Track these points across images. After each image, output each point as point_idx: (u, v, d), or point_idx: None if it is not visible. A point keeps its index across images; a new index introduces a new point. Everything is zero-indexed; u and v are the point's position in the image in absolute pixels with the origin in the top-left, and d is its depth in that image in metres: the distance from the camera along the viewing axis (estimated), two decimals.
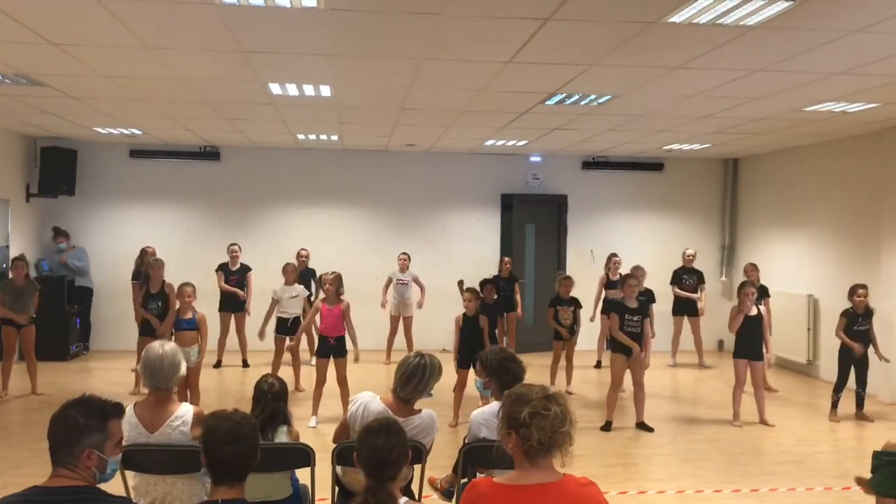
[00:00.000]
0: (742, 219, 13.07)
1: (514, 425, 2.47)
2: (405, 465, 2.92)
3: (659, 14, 4.78)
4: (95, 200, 12.10)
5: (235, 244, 10.98)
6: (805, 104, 7.76)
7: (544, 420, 2.43)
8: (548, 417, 2.43)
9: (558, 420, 2.44)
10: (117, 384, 9.33)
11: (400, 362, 4.10)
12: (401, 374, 4.01)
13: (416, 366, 4.01)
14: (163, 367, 3.86)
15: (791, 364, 11.18)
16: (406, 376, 4.00)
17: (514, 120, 9.06)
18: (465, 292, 8.28)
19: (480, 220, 12.94)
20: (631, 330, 7.83)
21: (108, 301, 11.69)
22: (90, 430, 2.54)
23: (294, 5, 4.72)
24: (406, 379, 3.99)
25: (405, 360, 4.07)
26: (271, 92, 7.57)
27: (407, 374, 4.00)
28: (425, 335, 11.40)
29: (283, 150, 12.42)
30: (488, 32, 5.30)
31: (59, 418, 2.55)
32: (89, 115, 9.23)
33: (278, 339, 9.26)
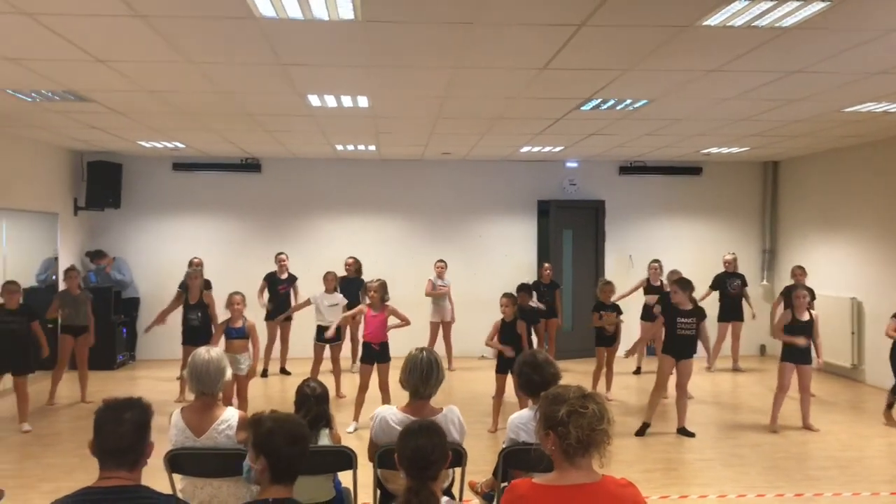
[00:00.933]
0: (783, 222, 12.91)
1: (551, 425, 2.50)
2: (445, 466, 2.97)
3: (693, 18, 4.79)
4: (140, 213, 12.38)
5: (283, 253, 11.14)
6: (845, 105, 7.66)
7: (582, 418, 2.45)
8: (585, 415, 2.46)
9: (596, 418, 2.46)
10: (163, 392, 9.53)
11: (408, 365, 4.13)
12: (419, 374, 4.06)
13: (427, 360, 4.10)
14: (209, 372, 3.97)
15: (835, 368, 11.00)
16: (425, 373, 4.06)
17: (550, 126, 9.09)
18: (502, 297, 8.30)
19: (517, 226, 12.96)
20: (684, 332, 7.79)
21: (152, 311, 11.89)
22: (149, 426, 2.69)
23: (332, 18, 4.82)
24: (426, 376, 4.06)
25: (414, 360, 4.11)
26: (310, 103, 7.70)
27: (425, 371, 4.07)
28: (463, 342, 11.45)
29: (321, 161, 12.59)
30: (522, 40, 5.35)
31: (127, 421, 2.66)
32: (134, 130, 9.47)
33: (317, 346, 9.36)
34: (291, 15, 4.76)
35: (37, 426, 8.04)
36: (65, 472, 6.52)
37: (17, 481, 6.25)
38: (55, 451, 7.21)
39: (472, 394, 9.72)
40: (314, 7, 4.60)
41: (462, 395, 9.68)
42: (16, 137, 9.96)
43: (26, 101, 7.55)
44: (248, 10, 4.64)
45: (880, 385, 8.37)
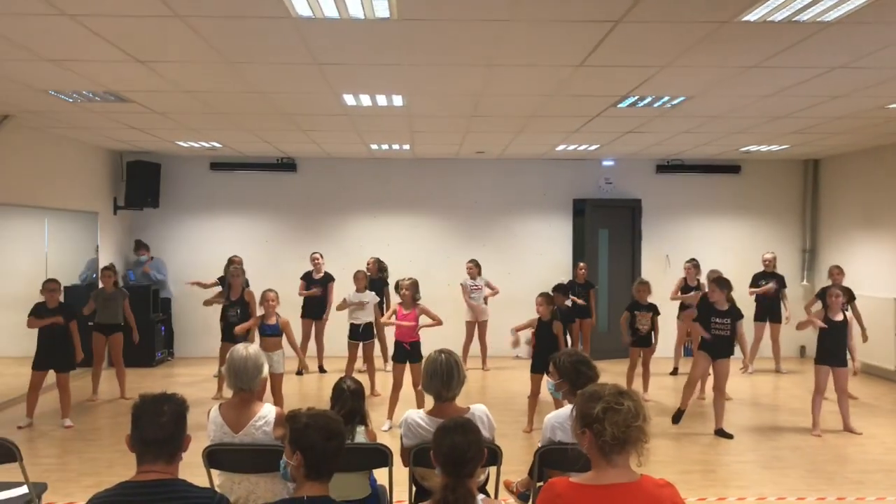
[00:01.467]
0: (823, 221, 12.67)
1: (587, 422, 2.49)
2: (482, 463, 2.96)
3: (732, 13, 4.71)
4: (178, 212, 12.55)
5: (317, 253, 11.23)
6: (888, 101, 7.50)
7: (617, 415, 2.44)
8: (621, 412, 2.44)
9: (631, 415, 2.44)
10: (201, 388, 9.65)
11: (428, 368, 4.10)
12: (441, 377, 4.03)
13: (447, 363, 4.07)
14: (247, 368, 4.00)
15: (877, 370, 10.78)
16: (447, 376, 4.04)
17: (586, 124, 9.02)
18: (538, 297, 8.25)
19: (552, 225, 12.90)
20: (718, 332, 7.70)
21: (190, 310, 12.07)
22: (186, 418, 2.73)
23: (368, 17, 4.83)
24: (448, 378, 4.04)
25: (434, 363, 4.08)
26: (345, 103, 7.74)
27: (447, 374, 4.04)
28: (498, 342, 11.43)
29: (355, 161, 12.65)
30: (559, 36, 5.31)
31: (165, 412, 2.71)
32: (172, 130, 9.60)
33: (351, 344, 9.41)
34: (328, 14, 4.78)
35: (78, 421, 8.19)
36: (105, 467, 6.63)
37: (58, 475, 6.36)
38: (96, 447, 7.33)
39: (507, 393, 9.69)
40: (350, 6, 4.62)
41: (497, 395, 9.66)
42: (58, 137, 10.15)
43: (67, 101, 7.69)
44: (284, 9, 4.67)
45: None
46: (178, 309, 12.39)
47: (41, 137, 9.73)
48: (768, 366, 11.35)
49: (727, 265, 11.15)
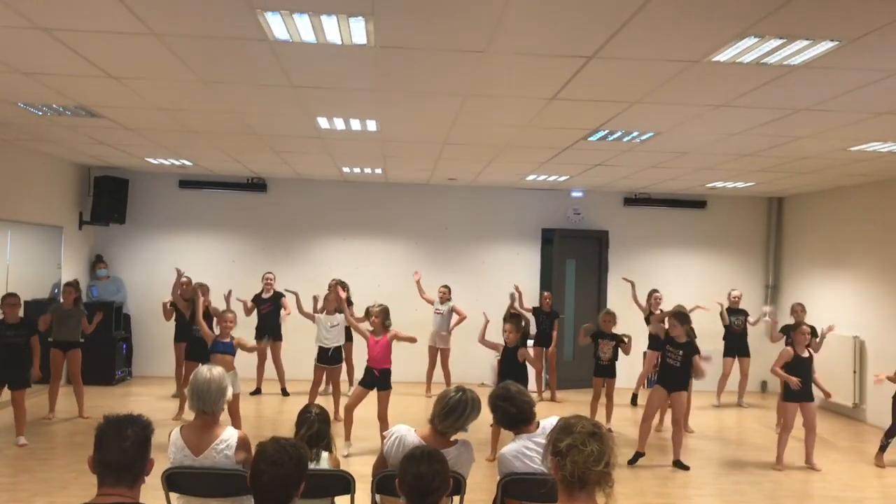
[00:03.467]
0: (786, 258, 12.90)
1: (553, 452, 2.52)
2: (446, 494, 2.95)
3: (702, 53, 4.83)
4: (144, 229, 12.42)
5: (270, 273, 11.16)
6: (851, 144, 7.70)
7: (579, 455, 2.45)
8: (583, 453, 2.45)
9: (592, 458, 2.45)
10: (160, 409, 9.49)
11: (440, 395, 4.05)
12: (441, 408, 3.99)
13: (458, 401, 3.97)
14: (210, 390, 3.95)
15: (837, 407, 10.94)
16: (447, 410, 3.97)
17: (556, 155, 9.13)
18: (505, 324, 8.27)
19: (521, 254, 12.97)
20: (670, 362, 7.79)
21: (152, 327, 11.90)
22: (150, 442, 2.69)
23: (345, 42, 4.87)
24: (446, 413, 3.97)
25: (446, 395, 4.03)
26: (319, 126, 7.75)
27: (448, 409, 3.97)
28: (464, 368, 11.41)
29: (327, 183, 12.64)
30: (532, 70, 5.40)
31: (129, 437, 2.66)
32: (143, 146, 9.52)
33: (318, 368, 9.30)
34: (305, 38, 4.81)
35: (33, 440, 8.00)
36: (59, 488, 6.47)
37: (11, 495, 6.21)
38: (51, 466, 7.17)
39: None
40: (328, 31, 4.65)
41: None
42: (24, 150, 10.02)
43: (37, 114, 7.61)
44: (262, 32, 4.69)
45: (881, 424, 8.33)
46: (137, 327, 12.21)
47: (7, 149, 9.60)
48: (731, 399, 11.46)
49: (691, 298, 11.27)
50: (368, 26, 4.54)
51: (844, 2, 3.90)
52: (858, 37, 4.41)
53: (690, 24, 4.32)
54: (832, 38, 4.45)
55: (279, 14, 4.38)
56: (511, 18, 4.32)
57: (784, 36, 4.45)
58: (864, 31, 4.33)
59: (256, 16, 4.41)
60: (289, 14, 4.37)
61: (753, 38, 4.49)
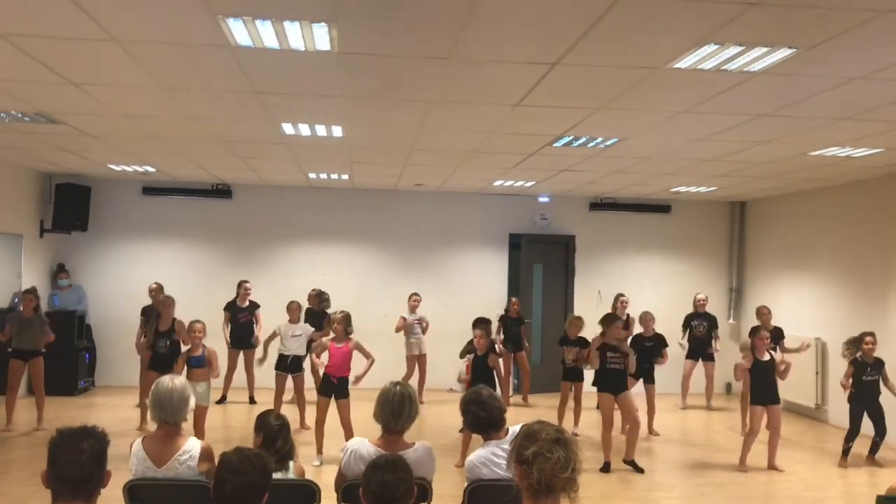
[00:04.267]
0: (749, 261, 13.09)
1: (519, 460, 2.52)
2: (411, 501, 2.94)
3: (663, 60, 4.89)
4: (107, 237, 12.24)
5: (248, 281, 11.07)
6: (810, 149, 7.83)
7: (546, 462, 2.45)
8: (550, 460, 2.46)
9: (559, 465, 2.46)
10: (124, 420, 9.35)
11: (381, 399, 4.01)
12: (392, 408, 3.95)
13: (402, 395, 3.98)
14: (172, 400, 3.90)
15: (800, 408, 11.11)
16: (398, 407, 3.96)
17: (522, 161, 9.17)
18: (475, 329, 8.28)
19: (488, 259, 13.01)
20: (613, 366, 7.85)
21: (115, 337, 11.72)
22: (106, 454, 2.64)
23: (308, 49, 4.85)
24: (398, 410, 3.96)
25: (388, 393, 4.00)
26: (284, 132, 7.71)
27: (398, 405, 3.95)
28: (433, 374, 11.40)
29: (293, 189, 12.57)
30: (497, 76, 5.42)
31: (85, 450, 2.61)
32: (105, 153, 9.39)
33: (279, 376, 9.25)
34: (268, 44, 4.78)
35: None
36: (17, 502, 6.34)
37: None
38: (8, 480, 7.02)
39: (440, 426, 9.65)
40: (291, 37, 4.63)
41: (431, 427, 9.62)
42: None
43: None
44: (224, 38, 4.65)
45: (843, 425, 8.46)
46: (100, 336, 12.01)
47: None
48: (699, 402, 11.58)
49: (657, 302, 11.41)
50: (332, 32, 4.53)
51: (801, 11, 3.97)
52: (815, 44, 4.50)
53: (651, 31, 4.37)
54: (790, 45, 4.53)
55: (241, 20, 4.34)
56: (474, 25, 4.34)
57: (743, 43, 4.52)
58: (820, 39, 4.41)
59: (218, 22, 4.37)
60: (251, 20, 4.34)
61: (713, 45, 4.55)
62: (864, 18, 4.06)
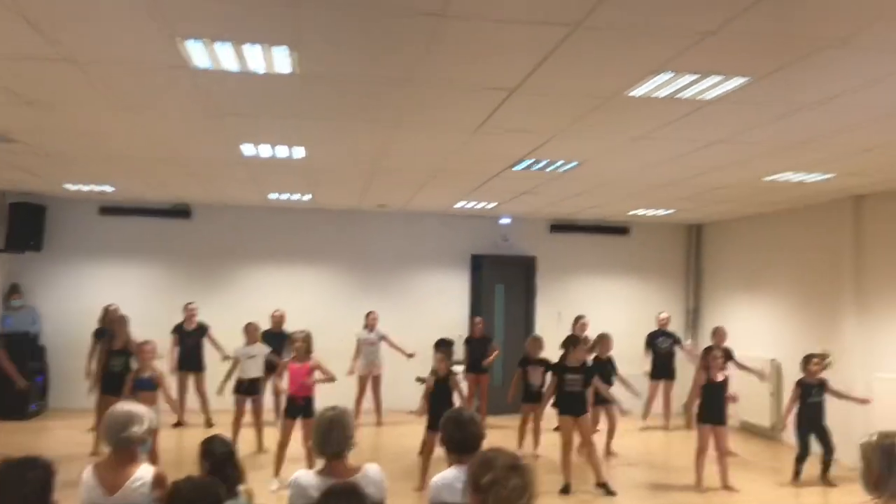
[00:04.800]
0: (706, 283, 13.29)
1: (474, 488, 2.51)
2: None
3: (619, 88, 4.97)
4: (63, 257, 12.00)
5: (193, 303, 10.92)
6: (764, 174, 8.01)
7: (502, 489, 2.45)
8: (506, 488, 2.45)
9: (515, 493, 2.46)
10: (77, 444, 9.12)
11: (318, 424, 3.87)
12: (321, 433, 3.81)
13: (330, 420, 3.83)
14: (126, 425, 3.83)
15: (755, 428, 11.26)
16: (326, 430, 3.80)
17: (484, 183, 9.23)
18: (437, 352, 8.25)
19: (451, 280, 13.02)
20: (573, 389, 7.89)
21: (70, 359, 11.45)
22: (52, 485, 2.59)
23: (269, 71, 4.84)
24: (327, 433, 3.81)
25: (323, 418, 3.86)
26: (243, 153, 7.66)
27: (327, 428, 3.80)
28: (393, 396, 11.35)
29: (254, 209, 12.48)
30: (458, 101, 5.46)
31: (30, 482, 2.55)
32: (60, 172, 9.25)
33: (238, 399, 9.16)
34: (227, 67, 4.76)
35: None
36: None
37: None
38: None
39: (401, 449, 9.59)
40: (250, 60, 4.62)
41: (390, 450, 9.56)
42: None
43: None
44: (183, 60, 4.62)
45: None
46: (53, 358, 11.74)
47: None
48: (658, 423, 11.66)
49: (616, 323, 11.48)
50: (292, 55, 4.54)
51: (753, 40, 4.08)
52: (767, 73, 4.62)
53: (608, 60, 4.45)
54: (743, 74, 4.65)
55: (201, 42, 4.33)
56: (435, 50, 4.38)
57: (697, 72, 4.62)
58: (772, 69, 4.53)
59: (177, 44, 4.35)
60: (210, 42, 4.33)
61: (669, 73, 4.65)
62: (808, 50, 4.19)
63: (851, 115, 5.55)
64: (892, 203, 8.92)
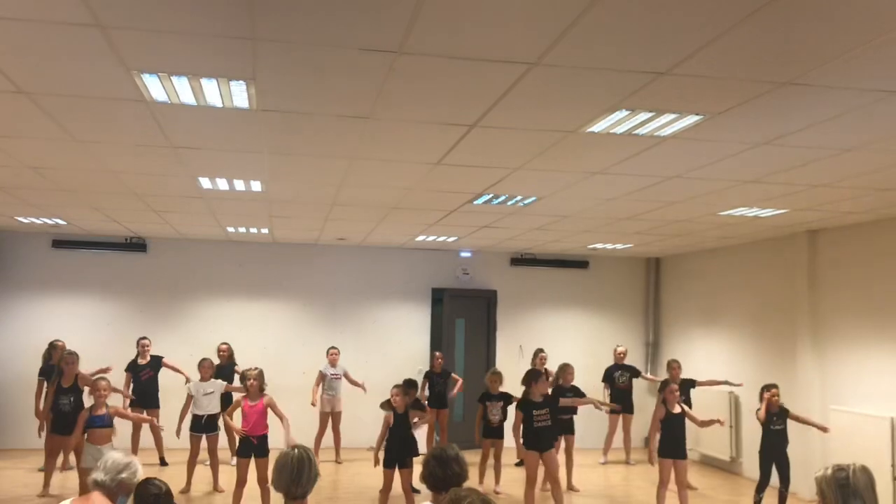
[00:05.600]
0: (665, 316, 13.42)
1: None
2: None
3: (578, 124, 5.03)
4: (12, 291, 11.71)
5: (146, 337, 10.71)
6: (719, 209, 8.14)
7: None
8: None
9: None
10: (24, 485, 8.81)
11: (279, 465, 3.77)
12: (290, 472, 3.70)
13: (300, 458, 3.75)
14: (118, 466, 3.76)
15: (714, 461, 11.32)
16: (297, 471, 3.74)
17: (444, 218, 9.24)
18: (392, 388, 8.17)
19: (411, 313, 12.96)
20: (542, 424, 7.86)
21: (18, 396, 11.12)
22: None
23: (226, 105, 4.81)
24: (298, 473, 3.75)
25: (285, 459, 3.76)
26: (201, 186, 7.58)
27: (297, 468, 3.71)
28: (352, 432, 11.20)
29: (211, 243, 12.34)
30: (416, 136, 5.47)
31: None
32: (11, 205, 9.04)
33: (193, 437, 8.97)
34: (184, 100, 4.72)
35: None
36: None
37: None
38: None
39: (359, 487, 9.46)
40: (208, 94, 4.59)
41: (349, 488, 9.41)
42: None
43: None
44: (139, 92, 4.57)
45: (757, 477, 8.64)
46: (9, 394, 11.37)
47: None
48: (618, 457, 11.67)
49: (576, 356, 11.53)
50: (250, 90, 4.51)
51: (704, 81, 4.15)
52: (721, 111, 4.70)
53: (566, 96, 4.50)
54: (697, 112, 4.73)
55: (157, 76, 4.28)
56: (394, 87, 4.38)
57: (653, 109, 4.69)
58: (725, 107, 4.62)
59: (133, 77, 4.30)
60: (167, 76, 4.28)
61: (625, 111, 4.72)
62: (761, 90, 4.28)
63: (803, 153, 5.67)
64: (845, 237, 9.13)
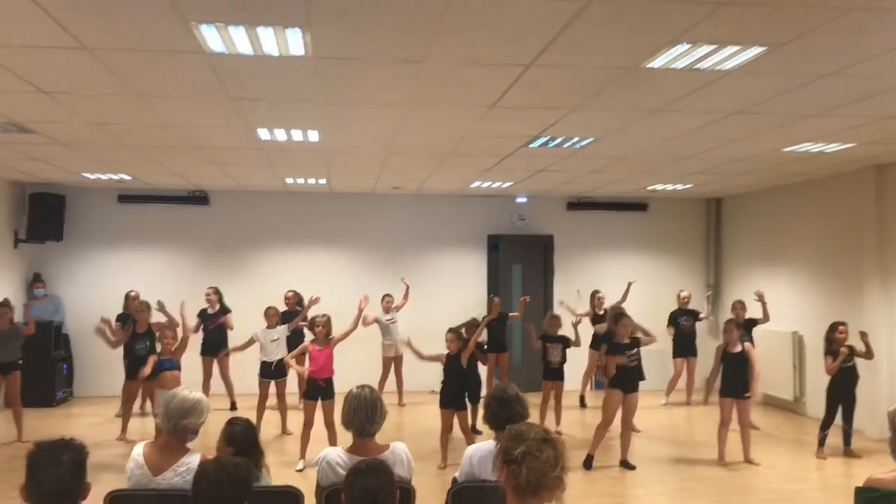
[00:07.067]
0: (726, 257, 13.20)
1: (506, 460, 2.51)
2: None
3: (637, 60, 4.92)
4: (83, 246, 12.11)
5: (210, 288, 10.97)
6: (783, 145, 7.92)
7: (535, 461, 2.45)
8: (539, 459, 2.45)
9: (549, 464, 2.46)
10: (103, 430, 9.26)
11: (351, 405, 3.94)
12: (364, 412, 3.90)
13: (369, 398, 3.93)
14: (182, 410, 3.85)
15: (778, 401, 11.22)
16: (371, 409, 3.90)
17: (499, 163, 9.19)
18: (447, 333, 8.23)
19: (467, 261, 13.01)
20: (633, 364, 7.88)
21: (93, 346, 11.57)
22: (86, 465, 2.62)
23: (282, 54, 4.83)
24: (371, 414, 3.90)
25: (358, 399, 3.94)
26: (259, 137, 7.67)
27: (370, 409, 3.90)
28: (414, 377, 11.39)
29: (270, 194, 12.52)
30: (471, 79, 5.43)
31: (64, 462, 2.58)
32: (78, 161, 9.30)
33: (262, 383, 9.23)
34: (241, 50, 4.76)
35: None
36: None
37: None
38: None
39: (422, 429, 9.66)
40: (264, 43, 4.62)
41: (412, 431, 9.62)
42: None
43: None
44: (197, 44, 4.63)
45: (821, 417, 8.55)
46: (77, 346, 11.88)
47: None
48: (681, 398, 11.64)
49: (635, 300, 11.44)
50: (305, 37, 4.52)
51: (769, 10, 4.02)
52: (785, 42, 4.55)
53: (624, 31, 4.40)
54: (760, 43, 4.59)
55: (214, 26, 4.33)
56: (448, 28, 4.35)
57: (714, 42, 4.56)
58: (790, 38, 4.47)
59: (191, 28, 4.35)
60: (224, 26, 4.32)
61: (686, 44, 4.60)
62: (829, 16, 4.12)
63: (872, 83, 5.47)
64: None
